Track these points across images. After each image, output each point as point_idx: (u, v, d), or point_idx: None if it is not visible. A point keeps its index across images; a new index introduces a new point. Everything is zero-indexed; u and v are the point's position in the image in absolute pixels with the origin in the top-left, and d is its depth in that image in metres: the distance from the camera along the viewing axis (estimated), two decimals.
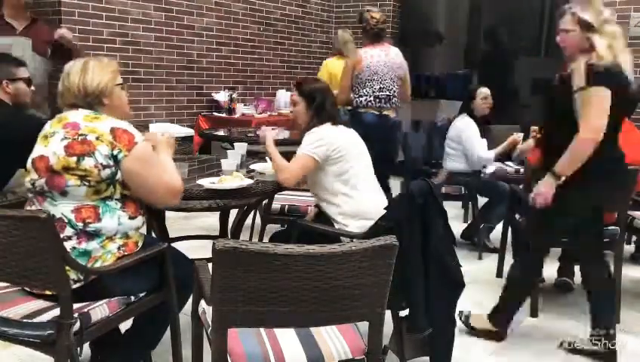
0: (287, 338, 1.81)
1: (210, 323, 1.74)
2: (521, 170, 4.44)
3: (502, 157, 4.49)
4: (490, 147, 4.27)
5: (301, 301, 1.57)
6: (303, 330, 1.83)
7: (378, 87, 4.34)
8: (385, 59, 4.37)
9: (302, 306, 1.58)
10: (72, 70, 2.09)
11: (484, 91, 4.34)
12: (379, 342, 1.72)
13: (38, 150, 2.03)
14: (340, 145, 2.76)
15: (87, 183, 1.97)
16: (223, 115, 6.10)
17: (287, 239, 2.78)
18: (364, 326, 1.75)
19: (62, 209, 1.98)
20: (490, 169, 4.46)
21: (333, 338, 1.82)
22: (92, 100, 2.09)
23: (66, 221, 1.97)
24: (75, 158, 1.95)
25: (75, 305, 1.86)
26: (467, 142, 4.19)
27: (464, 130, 4.21)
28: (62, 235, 1.93)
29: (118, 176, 2.01)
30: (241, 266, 1.50)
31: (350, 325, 1.87)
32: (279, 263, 1.51)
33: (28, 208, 2.07)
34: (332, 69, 5.27)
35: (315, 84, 2.95)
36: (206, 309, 1.93)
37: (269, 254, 1.49)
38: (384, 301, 1.67)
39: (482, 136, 4.27)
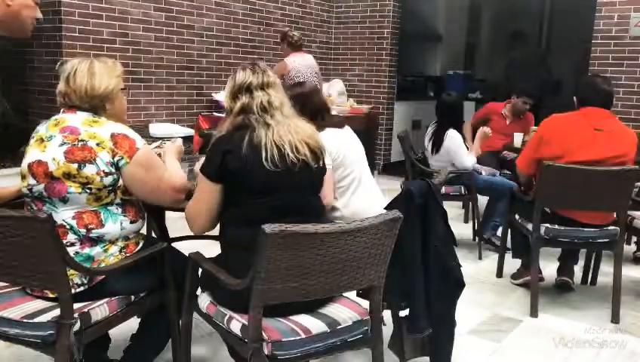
0: (302, 317, 1.93)
1: (217, 312, 1.97)
2: None
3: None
4: None
5: (327, 273, 1.77)
6: (313, 311, 1.97)
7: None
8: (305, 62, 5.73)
9: (328, 278, 1.78)
10: (78, 71, 2.03)
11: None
12: (380, 303, 1.97)
13: (34, 154, 1.99)
14: (337, 152, 2.67)
15: (88, 190, 1.96)
16: (223, 115, 6.08)
17: None
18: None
19: (63, 215, 1.97)
20: (485, 171, 4.50)
21: (340, 310, 2.00)
22: (97, 104, 2.05)
23: (68, 227, 1.97)
24: (75, 165, 1.93)
25: (75, 305, 1.86)
26: (457, 153, 4.24)
27: (452, 142, 4.24)
28: (64, 241, 1.92)
29: (120, 182, 2.01)
30: (286, 246, 1.65)
31: (351, 301, 2.08)
32: (318, 241, 1.69)
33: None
34: None
35: (296, 90, 2.77)
36: (213, 301, 2.02)
37: (310, 234, 1.67)
38: (385, 267, 1.91)
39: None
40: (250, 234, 1.71)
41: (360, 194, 2.76)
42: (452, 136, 4.24)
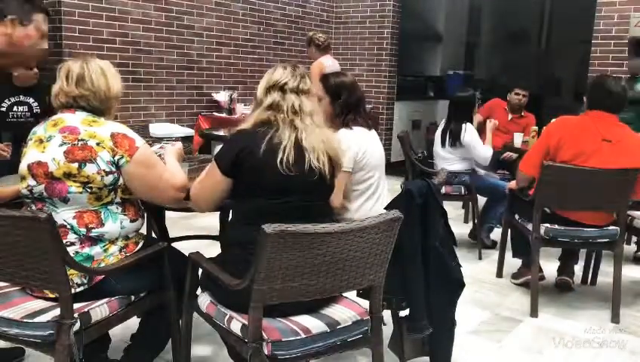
0: (302, 317, 1.93)
1: (217, 312, 1.97)
2: None
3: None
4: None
5: (327, 273, 1.77)
6: (313, 312, 1.97)
7: None
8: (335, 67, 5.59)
9: (328, 278, 1.78)
10: (93, 72, 2.03)
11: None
12: (379, 303, 1.98)
13: (33, 155, 1.98)
14: (363, 153, 2.64)
15: (89, 190, 1.96)
16: (223, 115, 6.10)
17: None
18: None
19: (63, 215, 1.97)
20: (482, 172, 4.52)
21: (340, 310, 2.00)
22: (110, 105, 2.08)
23: (69, 227, 1.97)
24: (76, 164, 1.93)
25: (76, 305, 1.86)
26: (476, 146, 4.23)
27: (471, 137, 4.23)
28: (64, 241, 1.92)
29: (120, 181, 2.01)
30: (286, 246, 1.66)
31: (351, 301, 2.08)
32: (317, 240, 1.69)
33: None
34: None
35: (340, 78, 2.74)
36: (213, 301, 2.02)
37: (310, 234, 1.67)
38: (386, 266, 1.92)
39: None
40: (252, 233, 1.71)
41: (373, 201, 2.73)
42: (470, 131, 4.24)
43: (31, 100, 4.42)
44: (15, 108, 4.39)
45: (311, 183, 1.97)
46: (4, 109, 4.35)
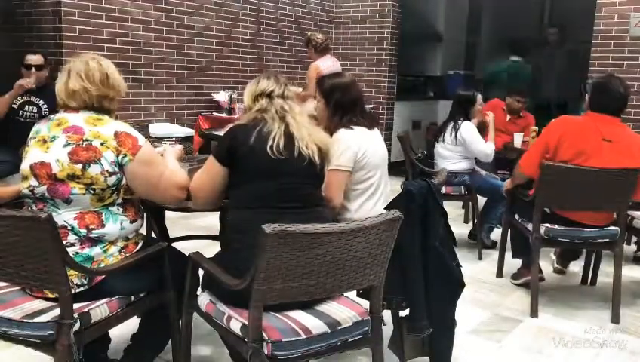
0: (303, 316, 1.95)
1: (216, 310, 1.98)
2: None
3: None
4: None
5: (327, 273, 1.78)
6: (313, 310, 1.99)
7: None
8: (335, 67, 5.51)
9: (328, 278, 1.79)
10: (96, 70, 2.04)
11: (479, 97, 4.55)
12: (379, 303, 2.00)
13: (36, 155, 1.98)
14: (363, 153, 2.60)
15: (92, 191, 1.96)
16: (223, 115, 6.10)
17: None
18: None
19: (65, 216, 1.97)
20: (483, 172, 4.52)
21: (341, 310, 2.01)
22: (111, 103, 2.10)
23: (69, 228, 1.96)
24: (80, 166, 1.93)
25: (75, 305, 1.86)
26: (473, 143, 4.22)
27: (467, 133, 4.22)
28: (65, 242, 1.92)
29: (123, 181, 2.01)
30: (286, 246, 1.67)
31: (351, 301, 2.09)
32: (317, 241, 1.70)
33: None
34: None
35: (335, 80, 2.72)
36: (213, 300, 2.02)
37: (310, 234, 1.68)
38: (386, 266, 1.93)
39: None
40: (249, 215, 1.75)
41: (374, 200, 2.71)
42: (467, 128, 4.24)
43: (41, 102, 4.43)
44: (26, 108, 4.41)
45: (301, 168, 2.06)
46: (15, 106, 4.37)
